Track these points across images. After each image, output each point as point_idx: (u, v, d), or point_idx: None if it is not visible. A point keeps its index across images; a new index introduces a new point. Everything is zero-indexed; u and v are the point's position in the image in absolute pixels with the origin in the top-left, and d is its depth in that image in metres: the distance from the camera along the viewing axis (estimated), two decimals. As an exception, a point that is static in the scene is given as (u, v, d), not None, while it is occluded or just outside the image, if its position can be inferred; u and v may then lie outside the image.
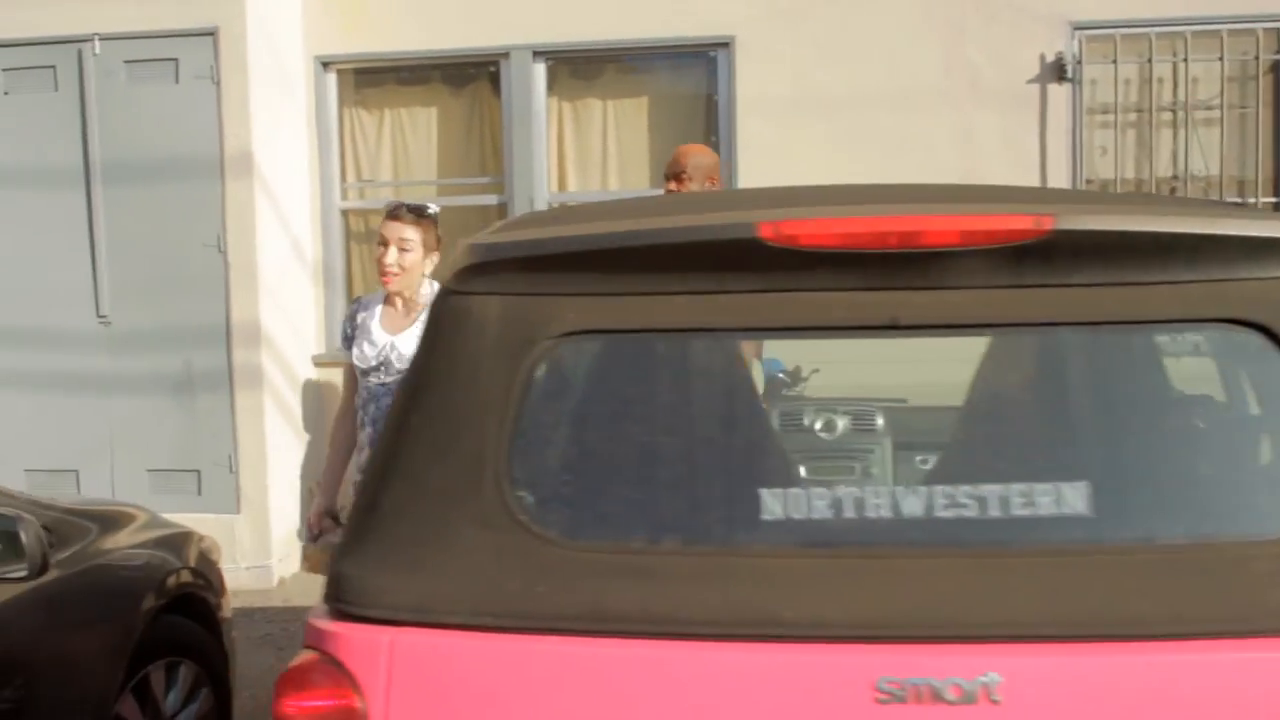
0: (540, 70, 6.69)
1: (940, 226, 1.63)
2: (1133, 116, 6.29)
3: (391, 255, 3.88)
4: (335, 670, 1.72)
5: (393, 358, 3.86)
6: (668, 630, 1.61)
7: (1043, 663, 1.55)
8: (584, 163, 6.82)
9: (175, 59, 6.29)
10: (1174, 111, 6.21)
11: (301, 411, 6.72)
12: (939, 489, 1.63)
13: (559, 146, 6.83)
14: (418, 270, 3.94)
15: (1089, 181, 6.29)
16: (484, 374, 1.75)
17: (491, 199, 6.82)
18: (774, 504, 1.66)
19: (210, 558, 4.07)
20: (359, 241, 7.04)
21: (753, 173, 6.46)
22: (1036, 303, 1.67)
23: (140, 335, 6.42)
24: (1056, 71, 6.21)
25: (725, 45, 6.50)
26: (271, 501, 6.39)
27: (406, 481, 1.76)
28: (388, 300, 3.99)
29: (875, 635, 1.57)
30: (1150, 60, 6.15)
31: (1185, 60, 6.12)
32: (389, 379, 3.86)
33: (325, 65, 6.83)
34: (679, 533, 1.67)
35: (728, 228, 1.67)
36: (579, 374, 1.77)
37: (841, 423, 3.30)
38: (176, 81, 6.31)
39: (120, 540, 3.66)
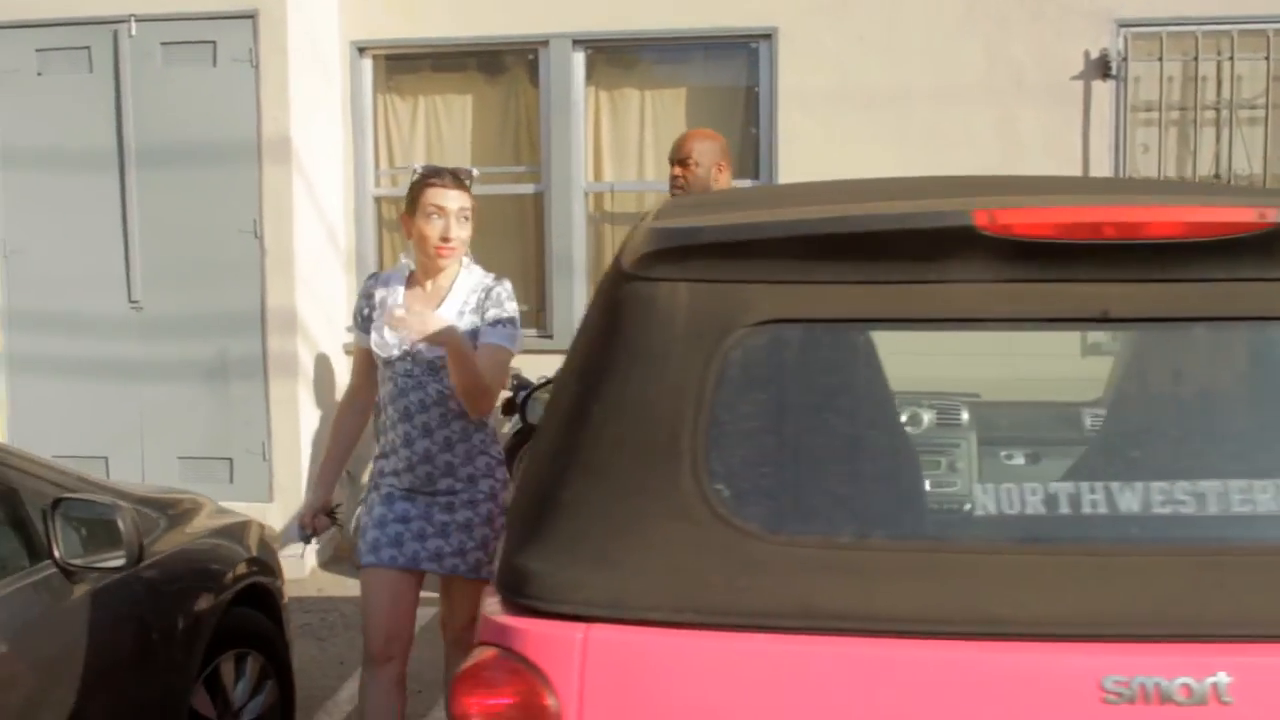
0: (580, 59, 6.63)
1: (1163, 218, 1.59)
2: (1176, 114, 6.27)
3: (454, 228, 3.36)
4: (523, 667, 1.67)
5: (421, 346, 3.36)
6: (881, 627, 1.57)
7: (1275, 663, 1.51)
8: (621, 153, 6.76)
9: (213, 41, 6.21)
10: (1218, 110, 6.20)
11: (335, 400, 6.65)
12: (1156, 485, 1.60)
13: (595, 136, 6.77)
14: (465, 245, 3.46)
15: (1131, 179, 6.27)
16: (674, 363, 1.70)
17: (528, 188, 6.76)
18: (985, 499, 1.62)
19: (271, 546, 4.01)
20: (391, 229, 6.97)
21: (793, 165, 6.42)
22: (1250, 296, 1.63)
23: (172, 321, 6.34)
24: (1101, 68, 6.19)
25: (768, 37, 6.45)
26: (305, 490, 6.32)
27: (590, 474, 1.72)
28: (411, 279, 3.50)
29: (1098, 634, 1.54)
30: (1196, 58, 6.13)
31: (1231, 59, 6.11)
32: (418, 369, 3.39)
33: (361, 50, 6.76)
34: (887, 527, 1.63)
35: (942, 215, 1.62)
36: (774, 363, 1.72)
37: (927, 417, 3.28)
38: (214, 64, 6.22)
39: (191, 530, 3.61)
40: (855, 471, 1.66)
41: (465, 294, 3.43)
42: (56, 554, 2.80)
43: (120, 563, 2.82)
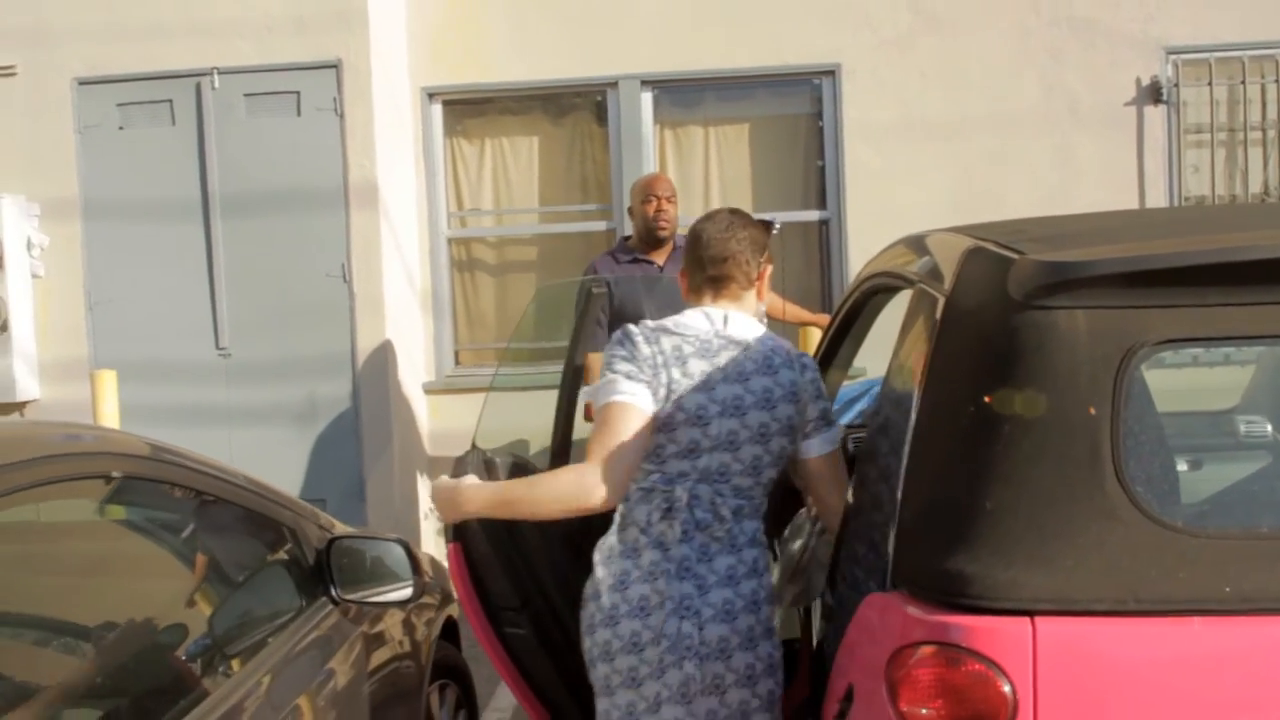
0: (648, 99, 6.84)
1: None
2: (1224, 136, 6.59)
3: None
4: (972, 658, 1.84)
5: None
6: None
7: None
8: (688, 187, 6.94)
9: (297, 91, 6.34)
10: (1264, 130, 6.53)
11: (421, 439, 6.78)
12: None
13: (663, 172, 6.96)
14: None
15: (1185, 199, 6.58)
16: (1084, 381, 1.89)
17: (599, 225, 6.94)
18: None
19: (447, 577, 4.14)
20: (462, 269, 7.12)
21: (860, 197, 6.66)
22: None
23: (260, 367, 6.43)
24: (1152, 94, 6.50)
25: (831, 73, 6.70)
26: (402, 528, 6.42)
27: (1011, 484, 1.90)
28: None
29: None
30: (1243, 82, 6.46)
31: (1276, 81, 6.45)
32: None
33: (431, 96, 6.92)
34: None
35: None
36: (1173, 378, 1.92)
37: None
38: (298, 114, 6.36)
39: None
40: (1261, 469, 1.86)
41: None
42: (334, 592, 2.93)
43: (406, 594, 2.94)
